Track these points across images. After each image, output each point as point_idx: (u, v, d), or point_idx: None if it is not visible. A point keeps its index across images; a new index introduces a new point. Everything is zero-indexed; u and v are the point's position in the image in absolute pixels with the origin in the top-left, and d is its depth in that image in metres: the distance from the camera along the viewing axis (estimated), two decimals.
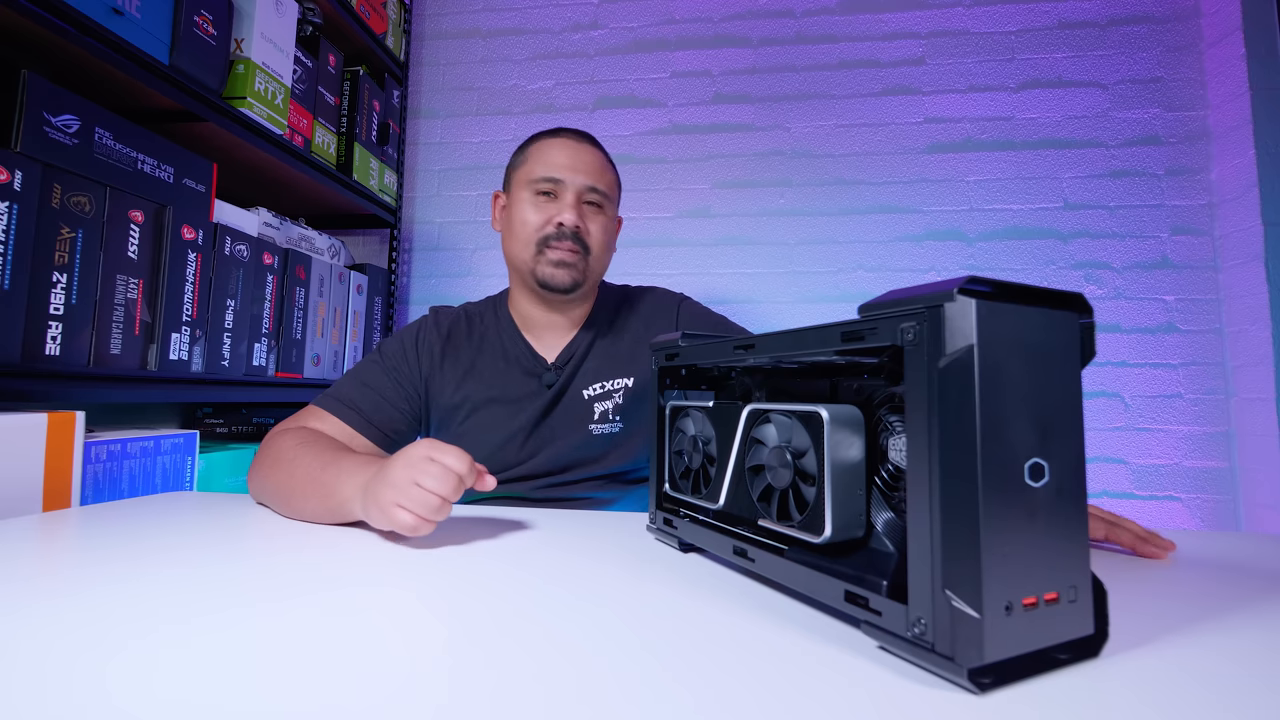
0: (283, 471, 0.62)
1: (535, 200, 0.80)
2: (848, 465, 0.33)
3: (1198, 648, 0.31)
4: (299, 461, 0.61)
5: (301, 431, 0.70)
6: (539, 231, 0.79)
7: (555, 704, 0.24)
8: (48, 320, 0.79)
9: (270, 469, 0.64)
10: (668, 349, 0.51)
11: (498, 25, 1.73)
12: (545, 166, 0.80)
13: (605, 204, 0.82)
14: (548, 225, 0.79)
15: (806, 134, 1.57)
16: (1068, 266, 1.44)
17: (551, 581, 0.40)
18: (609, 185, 0.82)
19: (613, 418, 0.81)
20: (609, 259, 0.85)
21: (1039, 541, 0.26)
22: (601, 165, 0.82)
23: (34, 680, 0.25)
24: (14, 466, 0.68)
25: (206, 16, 1.01)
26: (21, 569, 0.41)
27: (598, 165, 0.82)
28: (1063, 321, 0.28)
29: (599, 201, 0.81)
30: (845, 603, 0.31)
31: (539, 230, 0.79)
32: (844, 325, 0.32)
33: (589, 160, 0.81)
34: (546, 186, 0.79)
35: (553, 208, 0.79)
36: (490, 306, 0.89)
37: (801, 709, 0.24)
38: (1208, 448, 1.36)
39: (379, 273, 1.57)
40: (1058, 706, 0.24)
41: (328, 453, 0.62)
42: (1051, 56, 1.49)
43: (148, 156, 0.93)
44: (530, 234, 0.79)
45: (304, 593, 0.37)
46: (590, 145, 0.83)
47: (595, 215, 0.81)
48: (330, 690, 0.25)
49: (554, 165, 0.79)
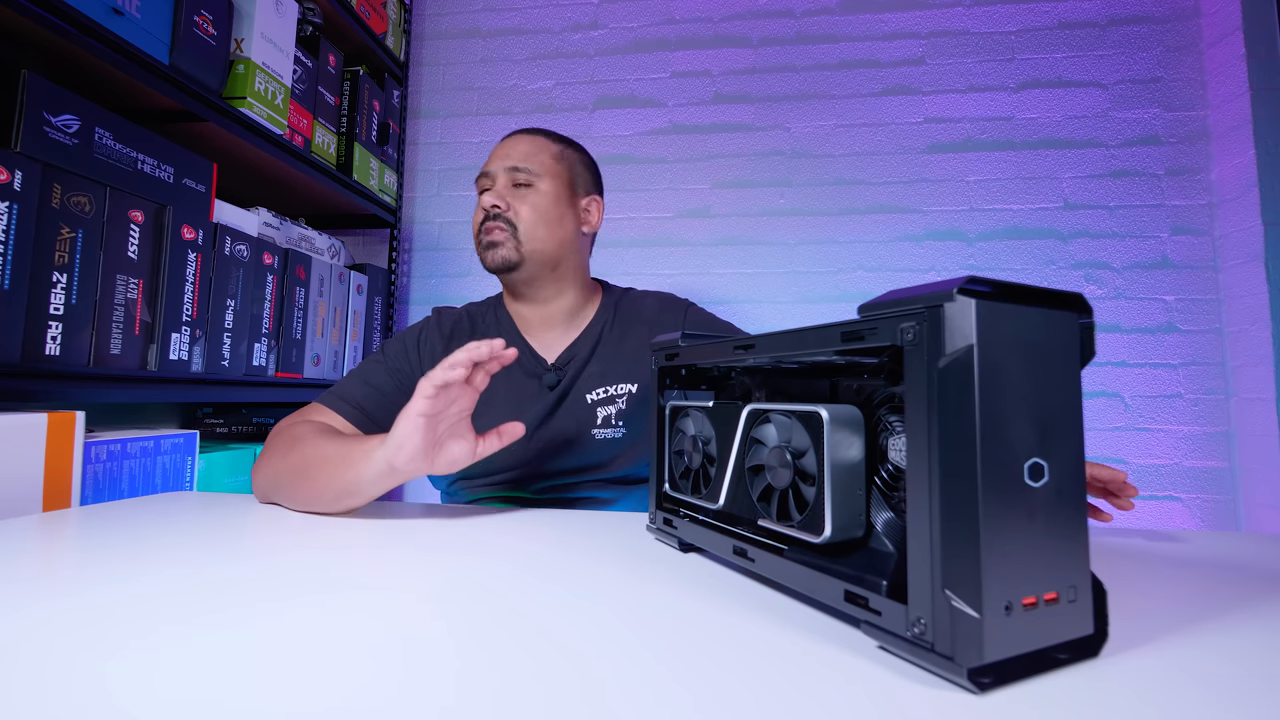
0: (295, 453, 0.63)
1: (479, 200, 0.83)
2: (848, 465, 0.33)
3: (1198, 648, 0.31)
4: (313, 444, 0.63)
5: (310, 423, 0.71)
6: (477, 225, 0.83)
7: (555, 704, 0.24)
8: (48, 320, 0.79)
9: (282, 454, 0.64)
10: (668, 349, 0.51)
11: (498, 25, 1.73)
12: (483, 165, 0.85)
13: (536, 180, 0.82)
14: (480, 214, 0.82)
15: (806, 134, 1.57)
16: (1068, 266, 1.44)
17: (551, 581, 0.40)
18: (540, 163, 0.82)
19: (615, 423, 0.80)
20: (559, 234, 0.83)
21: (1039, 541, 0.26)
22: (532, 147, 0.83)
23: (34, 680, 0.25)
24: (14, 466, 0.68)
25: (206, 16, 1.01)
26: (21, 569, 0.41)
27: (526, 148, 0.83)
28: (1063, 321, 0.28)
29: (526, 180, 0.82)
30: (845, 603, 0.31)
31: (477, 224, 0.83)
32: (844, 325, 0.32)
33: (516, 146, 0.83)
34: (484, 184, 0.84)
35: (485, 197, 0.82)
36: (490, 307, 0.89)
37: (801, 709, 0.24)
38: (1208, 448, 1.36)
39: (379, 273, 1.57)
40: (1058, 706, 0.24)
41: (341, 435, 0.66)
42: (1051, 56, 1.49)
43: (148, 156, 0.93)
44: (475, 230, 0.84)
45: (304, 593, 0.37)
46: (527, 134, 0.85)
47: (523, 194, 0.82)
48: (330, 690, 0.25)
49: (488, 161, 0.84)
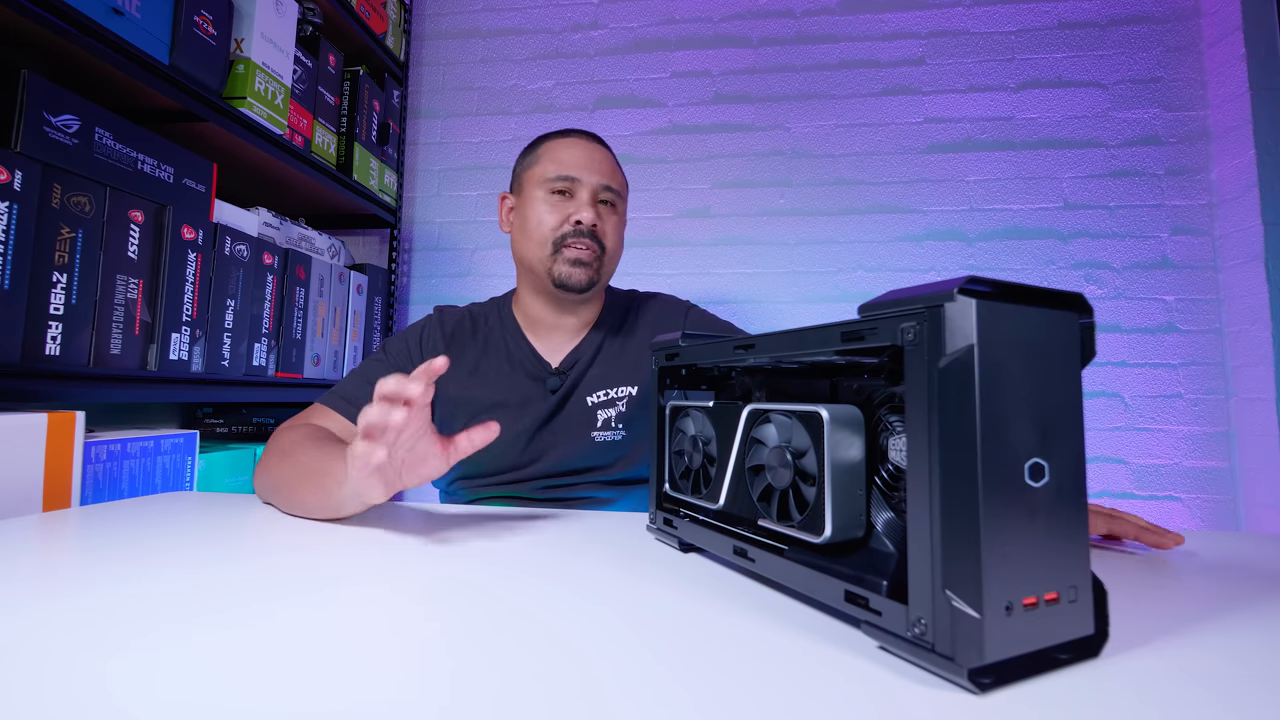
0: (287, 463, 0.62)
1: (550, 199, 0.79)
2: (848, 465, 0.33)
3: (1198, 648, 0.31)
4: (302, 453, 0.61)
5: (307, 428, 0.70)
6: (555, 231, 0.78)
7: (555, 704, 0.24)
8: (48, 320, 0.79)
9: (275, 463, 0.63)
10: (668, 349, 0.51)
11: (498, 25, 1.73)
12: (559, 165, 0.79)
13: (618, 203, 0.82)
14: (565, 224, 0.78)
15: (806, 134, 1.57)
16: (1068, 266, 1.44)
17: (551, 581, 0.40)
18: (621, 185, 0.83)
19: (615, 425, 0.80)
20: (619, 259, 0.85)
21: (1039, 541, 0.26)
22: (614, 165, 0.83)
23: (34, 680, 0.25)
24: (14, 466, 0.68)
25: (206, 16, 1.01)
26: (21, 569, 0.41)
27: (610, 165, 0.82)
28: (1063, 321, 0.28)
29: (613, 200, 0.81)
30: (845, 603, 0.31)
31: (555, 229, 0.78)
32: (844, 325, 0.32)
33: (603, 159, 0.81)
34: (562, 185, 0.79)
35: (569, 206, 0.79)
36: (494, 308, 0.89)
37: (801, 709, 0.24)
38: (1208, 448, 1.36)
39: (379, 273, 1.57)
40: (1058, 706, 0.24)
41: (330, 444, 0.62)
42: (1051, 56, 1.49)
43: (148, 156, 0.93)
44: (546, 233, 0.79)
45: (304, 593, 0.37)
46: (602, 145, 0.84)
47: (609, 214, 0.81)
48: (330, 690, 0.25)
49: (568, 164, 0.79)
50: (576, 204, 0.79)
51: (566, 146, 0.81)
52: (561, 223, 0.78)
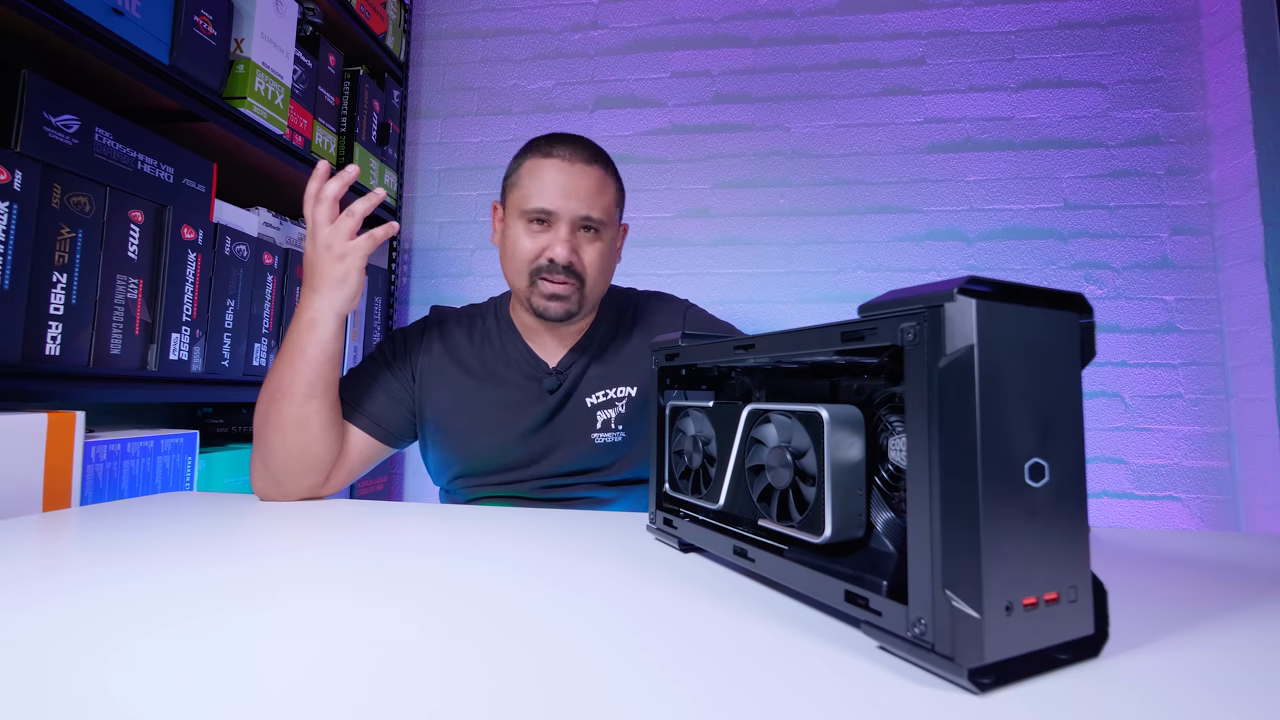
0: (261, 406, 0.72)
1: (528, 229, 0.77)
2: (848, 465, 0.33)
3: (1198, 648, 0.31)
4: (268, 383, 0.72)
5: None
6: (531, 263, 0.76)
7: (555, 704, 0.24)
8: (48, 320, 0.79)
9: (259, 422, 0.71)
10: (667, 349, 0.51)
11: (498, 25, 1.73)
12: (538, 195, 0.75)
13: (602, 228, 0.78)
14: (540, 257, 0.76)
15: (806, 134, 1.57)
16: (1068, 266, 1.44)
17: (551, 581, 0.40)
18: (605, 208, 0.77)
19: (615, 426, 0.80)
20: (610, 277, 0.82)
21: (1039, 541, 0.26)
22: (597, 186, 0.77)
23: (34, 680, 0.25)
24: (14, 466, 0.68)
25: (206, 16, 1.01)
26: (21, 569, 0.41)
27: (592, 188, 0.76)
28: (1063, 321, 0.28)
29: (594, 227, 0.77)
30: (845, 603, 0.31)
31: (531, 261, 0.76)
32: (844, 325, 0.32)
33: (581, 185, 0.76)
34: (539, 216, 0.76)
35: (545, 238, 0.76)
36: (492, 308, 0.89)
37: (801, 709, 0.24)
38: (1208, 448, 1.36)
39: (379, 273, 1.57)
40: (1058, 706, 0.24)
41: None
42: (1051, 56, 1.49)
43: (148, 156, 0.93)
44: (522, 264, 0.77)
45: (304, 592, 0.37)
46: (585, 164, 0.77)
47: (590, 242, 0.78)
48: (330, 690, 0.25)
49: (546, 193, 0.75)
50: (553, 237, 0.75)
51: (548, 169, 0.76)
52: (538, 255, 0.76)
